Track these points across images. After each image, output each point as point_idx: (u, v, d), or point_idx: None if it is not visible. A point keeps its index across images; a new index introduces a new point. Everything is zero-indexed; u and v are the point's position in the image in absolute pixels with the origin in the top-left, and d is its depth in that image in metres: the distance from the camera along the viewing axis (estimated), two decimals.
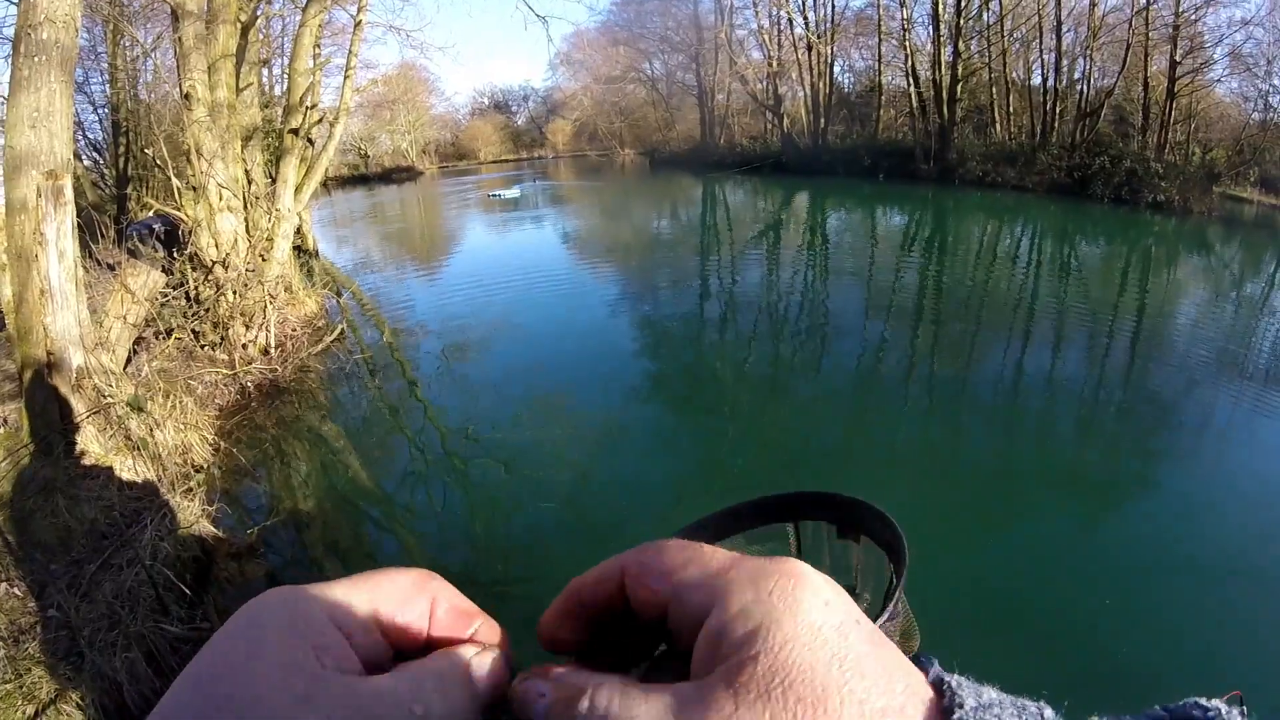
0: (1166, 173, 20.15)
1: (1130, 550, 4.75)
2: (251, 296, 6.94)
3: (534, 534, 4.89)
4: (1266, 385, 7.55)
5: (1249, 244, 17.01)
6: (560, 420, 6.42)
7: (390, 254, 15.08)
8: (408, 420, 6.64)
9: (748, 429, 6.45)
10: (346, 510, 5.25)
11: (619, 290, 11.53)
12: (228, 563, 4.37)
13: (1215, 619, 4.08)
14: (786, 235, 17.29)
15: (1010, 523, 5.06)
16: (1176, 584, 4.40)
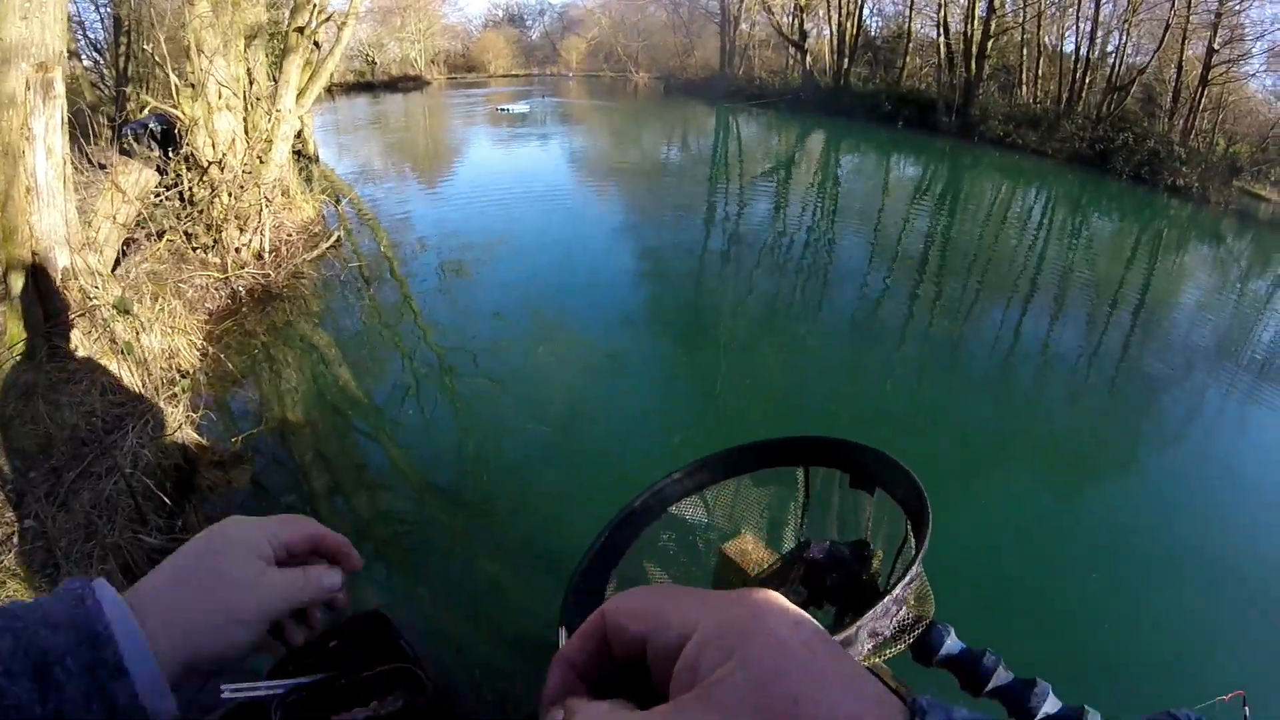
0: (1189, 158, 19.92)
1: (1113, 527, 4.83)
2: (247, 199, 6.77)
3: (523, 455, 4.90)
4: (1261, 379, 7.59)
5: (1261, 241, 16.91)
6: (555, 343, 6.41)
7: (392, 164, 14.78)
8: (401, 333, 6.58)
9: (743, 366, 6.47)
10: (335, 420, 5.23)
11: (623, 216, 11.40)
12: (211, 471, 4.32)
13: (1191, 604, 4.15)
14: (798, 174, 17.04)
15: (993, 487, 5.13)
16: (1154, 564, 4.48)
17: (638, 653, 0.38)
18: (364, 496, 4.47)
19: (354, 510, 4.36)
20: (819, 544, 1.20)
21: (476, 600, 3.67)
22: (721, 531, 1.46)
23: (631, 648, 0.38)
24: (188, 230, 6.42)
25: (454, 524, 4.24)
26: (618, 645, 0.39)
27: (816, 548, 1.20)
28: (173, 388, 4.66)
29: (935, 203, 15.04)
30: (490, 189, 12.11)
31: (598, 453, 4.94)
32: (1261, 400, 7.21)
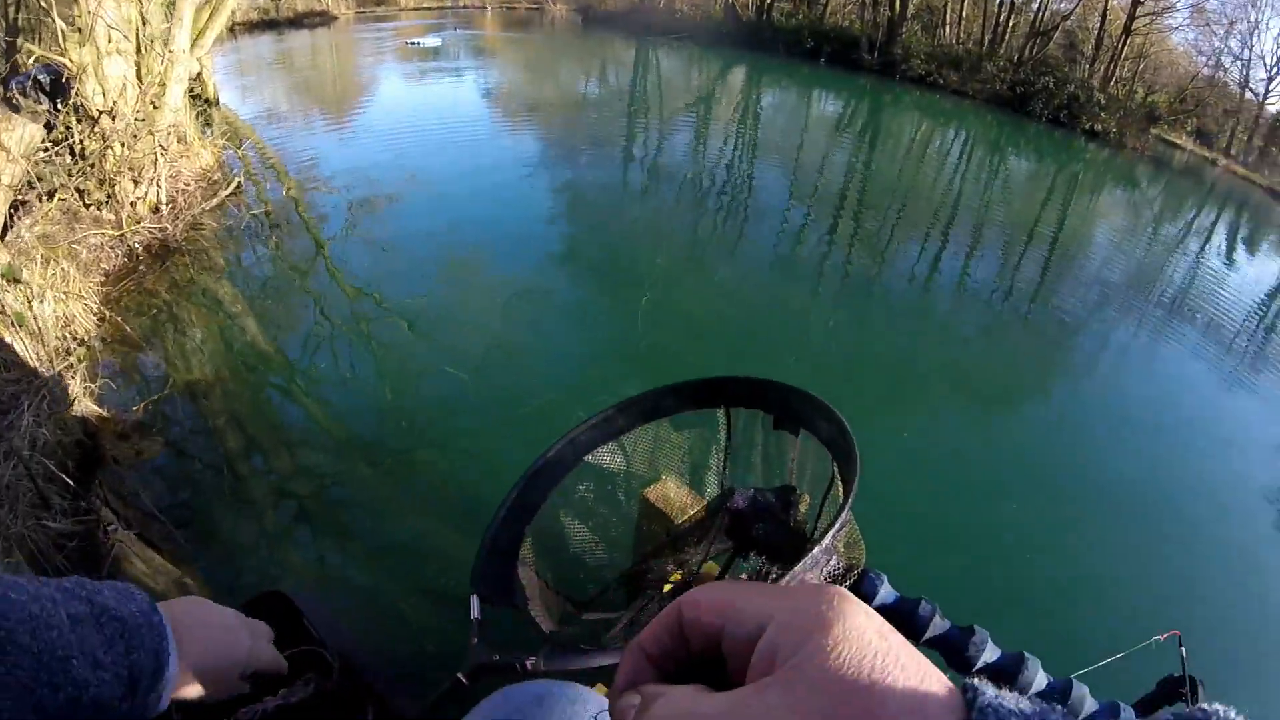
0: (1108, 105, 20.53)
1: (1022, 458, 5.08)
2: (141, 148, 6.36)
3: (444, 401, 4.87)
4: (1168, 319, 8.01)
5: (1174, 188, 17.64)
6: (473, 284, 6.33)
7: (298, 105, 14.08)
8: (312, 281, 6.36)
9: (663, 303, 6.49)
10: (247, 377, 5.05)
11: (540, 152, 11.17)
12: (116, 443, 4.12)
13: (1117, 537, 4.41)
14: (719, 109, 16.93)
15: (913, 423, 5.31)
16: (1076, 497, 4.74)
17: (713, 644, 0.39)
18: (283, 455, 4.36)
19: (273, 469, 4.25)
20: (743, 492, 1.18)
21: (396, 558, 3.65)
22: (642, 479, 1.42)
23: (707, 639, 0.39)
24: (79, 187, 6.00)
25: (375, 477, 4.20)
26: (694, 636, 0.40)
27: (740, 496, 1.18)
28: (69, 358, 4.41)
29: (856, 139, 15.20)
30: (402, 128, 11.69)
31: (518, 395, 4.94)
32: (1172, 337, 7.62)
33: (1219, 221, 15.52)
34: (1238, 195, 18.92)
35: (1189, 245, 12.04)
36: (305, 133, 11.40)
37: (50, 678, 0.55)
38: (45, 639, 0.56)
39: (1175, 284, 9.54)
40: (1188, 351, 7.42)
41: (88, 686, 0.57)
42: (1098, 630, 3.67)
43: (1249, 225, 16.01)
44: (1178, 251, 11.32)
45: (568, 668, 1.05)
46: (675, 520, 2.01)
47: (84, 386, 4.18)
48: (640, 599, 2.35)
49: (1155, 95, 24.05)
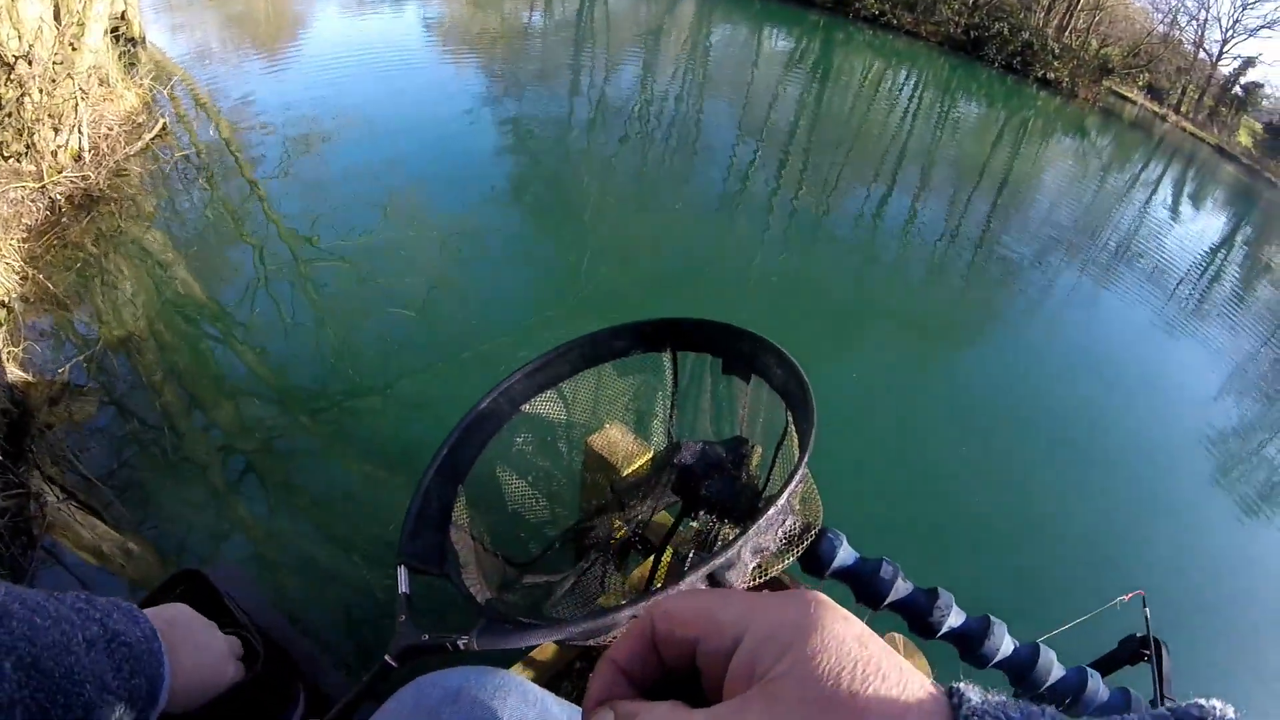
0: (1061, 54, 20.65)
1: (974, 401, 5.20)
2: (60, 93, 6.02)
3: (386, 343, 4.82)
4: (1113, 265, 8.19)
5: (1123, 139, 17.86)
6: (414, 223, 6.23)
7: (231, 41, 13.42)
8: (247, 225, 6.15)
9: (608, 244, 6.47)
10: (183, 329, 4.90)
11: (482, 85, 10.90)
12: (47, 408, 3.97)
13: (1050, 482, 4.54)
14: (666, 44, 16.65)
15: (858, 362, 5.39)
16: (1016, 441, 4.84)
17: (687, 656, 0.38)
18: (224, 408, 4.26)
19: (214, 424, 4.16)
20: (690, 445, 1.14)
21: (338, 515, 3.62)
22: (585, 428, 1.37)
23: (681, 650, 0.39)
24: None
25: (317, 428, 4.15)
26: (666, 648, 0.39)
27: (688, 450, 1.13)
28: None
29: (806, 78, 15.07)
30: (339, 63, 11.24)
31: (460, 334, 4.91)
32: (1117, 283, 7.79)
33: (1165, 175, 15.81)
34: (1185, 151, 19.28)
35: (1135, 196, 12.28)
36: (238, 71, 10.90)
37: (65, 699, 0.57)
38: (65, 664, 0.59)
39: (1121, 232, 9.76)
40: (1132, 298, 7.62)
41: (94, 708, 0.59)
42: (1058, 586, 3.79)
43: (1195, 181, 16.36)
44: (1124, 201, 11.55)
45: (503, 647, 0.99)
46: (621, 470, 1.93)
47: (7, 351, 4.02)
48: (585, 559, 2.24)
49: (1109, 48, 24.21)
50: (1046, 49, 20.49)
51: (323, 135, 8.00)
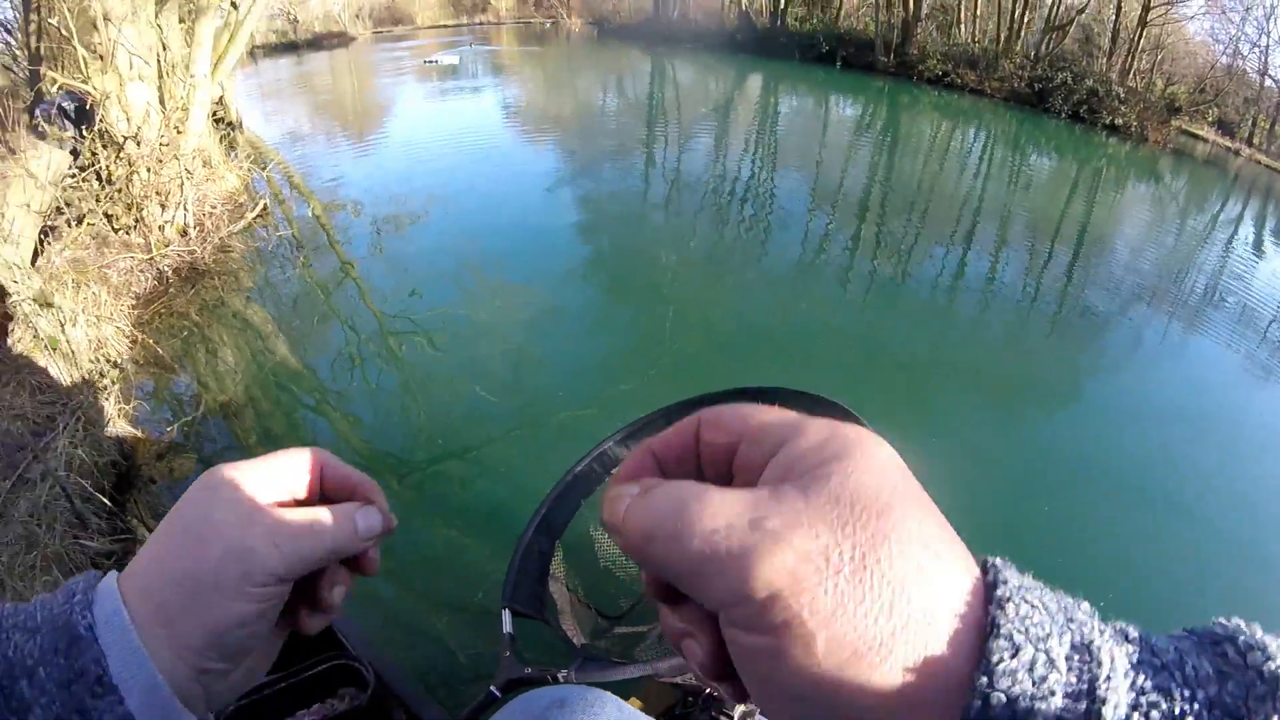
0: (1127, 98, 20.22)
1: (1052, 457, 4.97)
2: (167, 173, 6.45)
3: (469, 415, 4.86)
4: (1197, 313, 7.88)
5: (1197, 179, 17.38)
6: (497, 299, 6.35)
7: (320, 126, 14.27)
8: (339, 300, 6.41)
9: (687, 313, 6.47)
10: (278, 396, 5.09)
11: (558, 165, 11.24)
12: (152, 463, 4.16)
13: (1131, 532, 4.31)
14: (736, 117, 16.90)
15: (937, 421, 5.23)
16: (1095, 494, 4.61)
17: (724, 464, 0.38)
18: None
19: None
20: None
21: (428, 572, 3.64)
22: None
23: (720, 457, 0.39)
24: (107, 212, 6.11)
25: (405, 492, 4.21)
26: (708, 451, 0.39)
27: None
28: (103, 379, 4.48)
29: (875, 142, 15.11)
30: (423, 146, 11.81)
31: (541, 406, 4.94)
32: (1204, 331, 7.48)
33: (1245, 212, 15.27)
34: (1263, 185, 18.62)
35: (1216, 237, 11.84)
36: (329, 154, 11.55)
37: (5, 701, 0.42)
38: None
39: (1205, 276, 9.38)
40: (1222, 345, 7.27)
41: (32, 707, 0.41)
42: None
43: (1278, 214, 15.74)
44: (1206, 244, 11.13)
45: (598, 680, 1.03)
46: None
47: (118, 408, 4.24)
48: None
49: (1174, 86, 23.75)
50: (1112, 94, 20.13)
51: (409, 214, 8.34)
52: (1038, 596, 0.31)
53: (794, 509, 0.31)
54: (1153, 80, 23.45)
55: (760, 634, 0.31)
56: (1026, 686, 0.28)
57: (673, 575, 0.34)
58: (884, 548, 0.30)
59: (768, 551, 0.30)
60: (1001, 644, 0.28)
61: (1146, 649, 0.29)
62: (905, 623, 0.29)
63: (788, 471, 0.33)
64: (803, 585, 0.29)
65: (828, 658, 0.29)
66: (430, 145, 11.87)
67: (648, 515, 0.35)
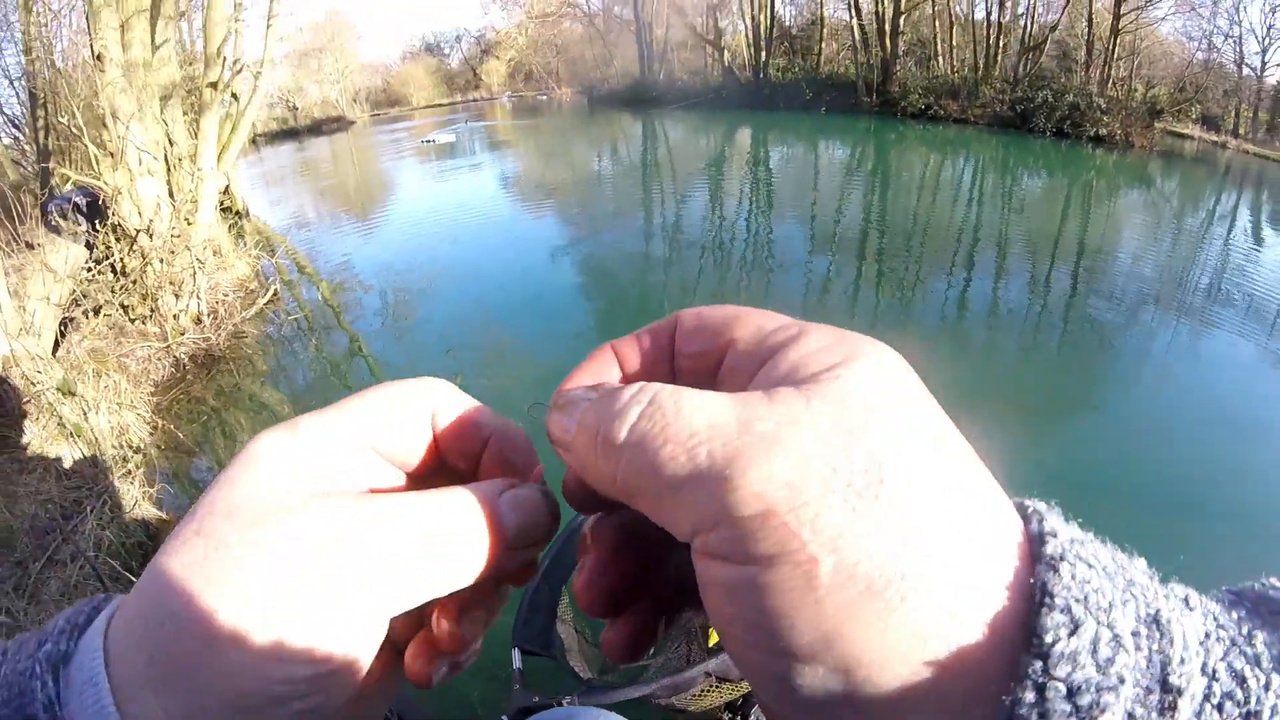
0: (1109, 108, 20.50)
1: (1078, 470, 4.92)
2: (179, 263, 6.66)
3: None
4: (1205, 311, 7.86)
5: (1189, 178, 17.49)
6: (508, 365, 6.39)
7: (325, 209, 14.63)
8: (352, 378, 6.48)
9: None
10: None
11: (562, 232, 11.41)
12: None
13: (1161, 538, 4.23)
14: (730, 171, 17.21)
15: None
16: (1120, 502, 4.55)
17: (707, 368, 0.32)
18: None
19: None
20: None
21: None
22: None
23: (701, 362, 0.33)
24: (124, 302, 6.29)
25: None
26: (687, 353, 0.33)
27: None
28: (126, 464, 4.55)
29: (867, 182, 15.33)
30: (426, 223, 12.06)
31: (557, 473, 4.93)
32: (1215, 326, 7.45)
33: (1240, 203, 15.33)
34: (1254, 173, 18.71)
35: (1215, 232, 11.86)
36: (335, 235, 11.81)
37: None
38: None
39: (1210, 273, 9.38)
40: (1234, 338, 7.22)
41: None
42: None
43: (1272, 200, 15.79)
44: (1206, 240, 11.15)
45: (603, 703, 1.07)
46: None
47: (143, 491, 4.30)
48: (673, 641, 2.52)
49: (1155, 90, 23.99)
50: (1093, 106, 20.32)
51: (416, 289, 8.49)
52: (1092, 552, 0.24)
53: (792, 410, 0.25)
54: (1132, 86, 23.69)
55: (746, 563, 0.24)
56: (1090, 673, 0.22)
57: (635, 493, 0.27)
58: (901, 459, 0.24)
59: (760, 456, 0.24)
60: (1058, 618, 0.22)
61: (1212, 619, 0.24)
62: (929, 557, 0.23)
63: (785, 376, 0.27)
64: (803, 498, 0.23)
65: (833, 592, 0.23)
66: (433, 221, 12.12)
67: (606, 417, 0.28)
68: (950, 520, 0.24)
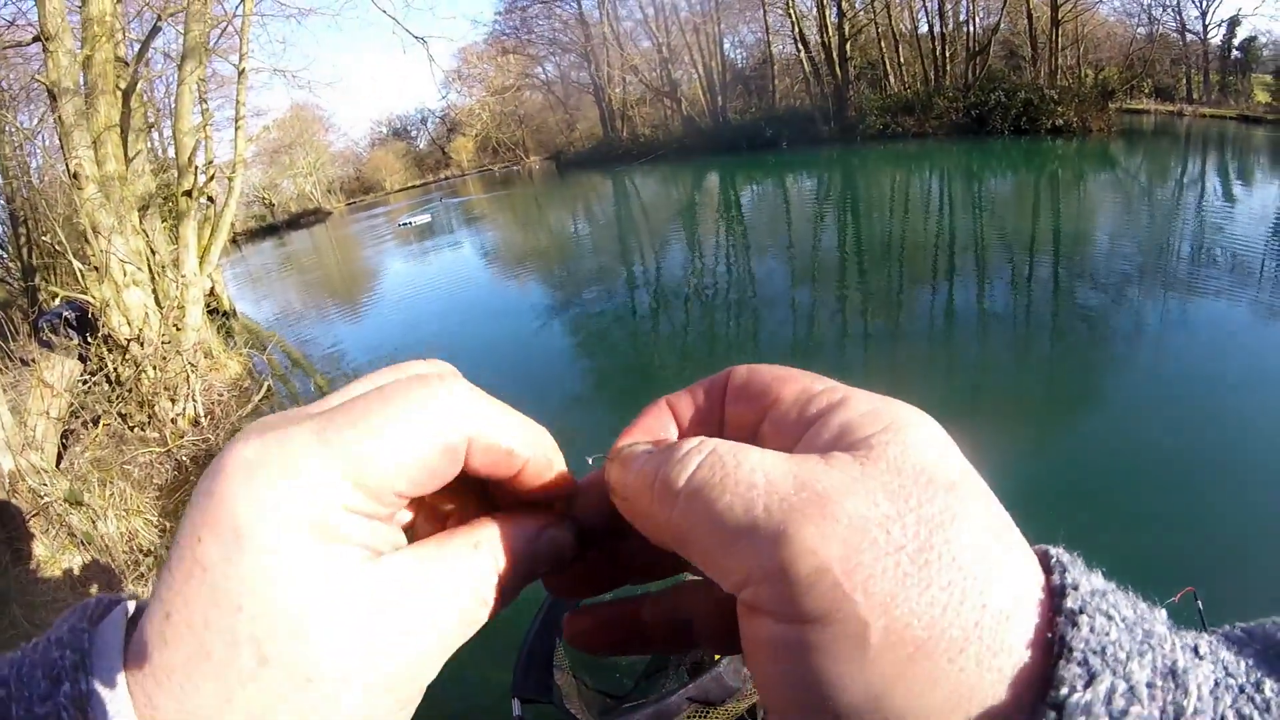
0: (1062, 97, 20.86)
1: (1081, 457, 4.89)
2: (172, 368, 6.73)
3: None
4: (1190, 276, 7.92)
5: (1153, 151, 17.74)
6: None
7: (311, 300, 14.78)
8: None
9: None
10: None
11: (546, 298, 11.49)
12: None
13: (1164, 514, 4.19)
14: (703, 217, 17.44)
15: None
16: (1126, 483, 4.51)
17: (748, 419, 0.33)
18: None
19: None
20: None
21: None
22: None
23: (751, 416, 0.33)
24: (121, 411, 6.35)
25: None
26: (736, 411, 0.33)
27: None
28: (139, 568, 4.56)
29: (837, 209, 15.50)
30: (412, 303, 12.19)
31: None
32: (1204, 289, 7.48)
33: (1206, 167, 15.55)
34: (1214, 134, 18.98)
35: (1187, 199, 12.02)
36: (323, 326, 11.91)
37: None
38: None
39: (1189, 241, 9.48)
40: (1226, 300, 7.25)
41: None
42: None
43: (1235, 159, 16.00)
44: (1180, 209, 11.28)
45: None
46: None
47: None
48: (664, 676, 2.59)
49: (1104, 72, 24.40)
50: (1046, 99, 20.88)
51: None
52: (1112, 603, 0.25)
53: (848, 473, 0.26)
54: (1082, 73, 24.10)
55: (797, 622, 0.25)
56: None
57: (688, 541, 0.27)
58: (953, 527, 0.25)
59: (817, 515, 0.25)
60: (1074, 670, 0.23)
61: (1220, 667, 0.24)
62: (976, 621, 0.24)
63: (835, 440, 0.28)
64: (857, 560, 0.24)
65: (884, 653, 0.24)
66: (419, 301, 12.25)
67: (665, 465, 0.28)
68: (994, 585, 0.24)
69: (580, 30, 35.47)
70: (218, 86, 18.95)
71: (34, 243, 9.75)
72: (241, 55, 9.79)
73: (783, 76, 30.00)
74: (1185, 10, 25.37)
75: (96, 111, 6.93)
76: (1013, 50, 25.23)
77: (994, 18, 24.39)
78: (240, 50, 9.81)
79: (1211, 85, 25.26)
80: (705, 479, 0.27)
